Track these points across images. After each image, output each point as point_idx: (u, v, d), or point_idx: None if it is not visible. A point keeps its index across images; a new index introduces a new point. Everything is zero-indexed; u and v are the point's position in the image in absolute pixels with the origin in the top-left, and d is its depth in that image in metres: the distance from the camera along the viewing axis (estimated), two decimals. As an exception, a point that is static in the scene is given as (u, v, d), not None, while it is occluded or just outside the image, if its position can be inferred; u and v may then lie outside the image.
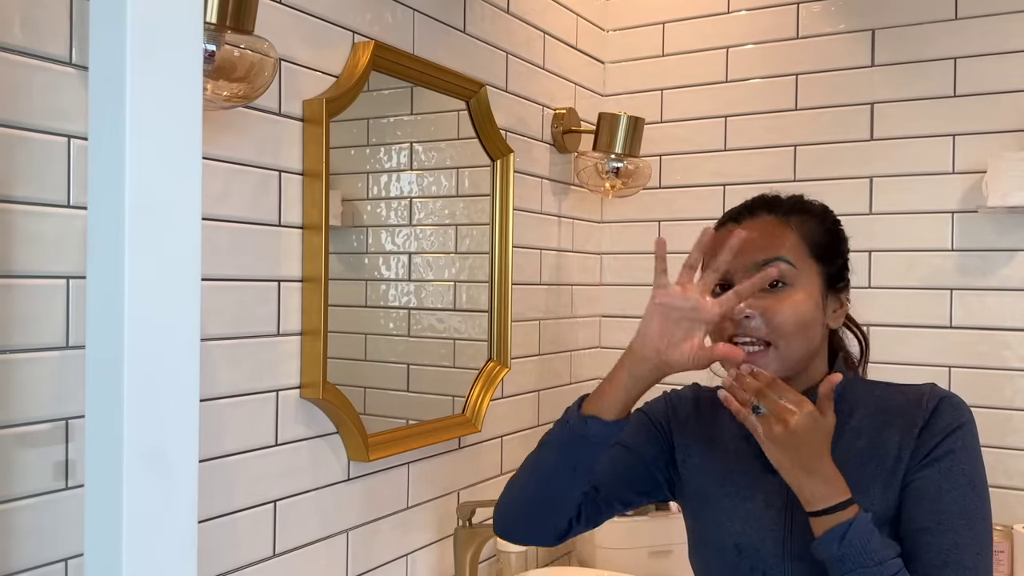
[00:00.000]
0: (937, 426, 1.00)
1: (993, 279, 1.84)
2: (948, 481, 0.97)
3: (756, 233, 1.04)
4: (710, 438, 1.15)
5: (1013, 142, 1.81)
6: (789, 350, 1.02)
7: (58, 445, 1.03)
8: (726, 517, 1.08)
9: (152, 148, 0.49)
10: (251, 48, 1.11)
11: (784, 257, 1.02)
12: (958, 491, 0.97)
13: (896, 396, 1.05)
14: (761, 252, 1.03)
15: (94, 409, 0.50)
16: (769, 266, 1.01)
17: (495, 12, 1.81)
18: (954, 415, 1.00)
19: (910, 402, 1.03)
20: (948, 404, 1.01)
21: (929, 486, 0.98)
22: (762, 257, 1.02)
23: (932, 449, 0.99)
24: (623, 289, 2.27)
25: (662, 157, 2.21)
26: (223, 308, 1.22)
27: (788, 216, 1.06)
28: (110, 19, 0.48)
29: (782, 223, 1.06)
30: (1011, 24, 1.83)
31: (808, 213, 1.08)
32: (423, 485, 1.62)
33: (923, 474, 0.99)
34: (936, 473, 0.98)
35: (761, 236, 1.04)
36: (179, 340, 0.51)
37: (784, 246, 1.03)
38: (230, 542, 1.24)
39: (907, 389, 1.06)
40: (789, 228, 1.05)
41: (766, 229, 1.05)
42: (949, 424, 1.00)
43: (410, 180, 1.59)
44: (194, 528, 0.52)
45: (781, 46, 2.07)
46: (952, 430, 0.99)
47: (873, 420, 1.05)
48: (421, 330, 1.62)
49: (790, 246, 1.03)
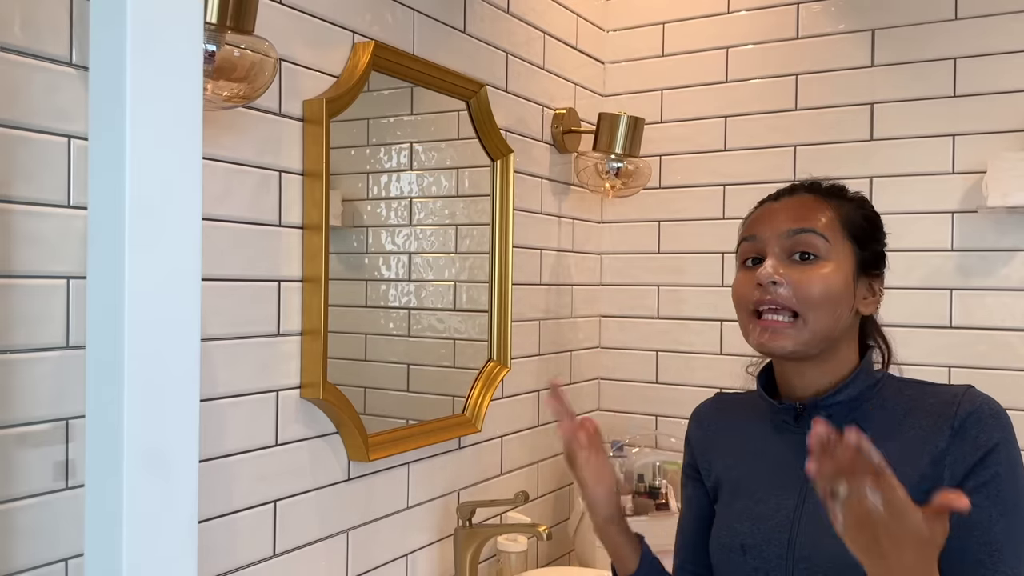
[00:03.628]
0: (976, 438, 0.95)
1: (993, 279, 1.84)
2: (996, 506, 0.93)
3: (793, 205, 1.05)
4: (728, 443, 1.14)
5: (1013, 142, 1.81)
6: (816, 323, 1.00)
7: (58, 445, 1.03)
8: (736, 518, 1.07)
9: (152, 148, 0.49)
10: (251, 48, 1.11)
11: (817, 229, 1.02)
12: (1007, 517, 0.93)
13: (927, 397, 1.01)
14: (795, 222, 1.03)
15: (94, 409, 0.50)
16: (799, 235, 1.01)
17: (495, 12, 1.81)
18: (995, 428, 0.95)
19: (940, 404, 0.99)
20: (985, 414, 0.96)
21: (981, 515, 0.92)
22: (796, 226, 1.02)
23: (974, 468, 0.94)
24: (623, 289, 2.27)
25: (662, 157, 2.21)
26: (223, 308, 1.22)
27: (828, 196, 1.07)
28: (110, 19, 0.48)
29: (820, 200, 1.06)
30: (1011, 24, 1.83)
31: (847, 199, 1.08)
32: (423, 485, 1.62)
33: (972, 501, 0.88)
34: (985, 500, 0.93)
35: (798, 208, 1.05)
36: (179, 340, 0.51)
37: (819, 220, 1.03)
38: (230, 542, 1.24)
39: (940, 389, 1.02)
40: (827, 204, 1.05)
41: (803, 203, 1.05)
42: (991, 439, 0.94)
43: (410, 180, 1.59)
44: (194, 528, 0.52)
45: (781, 46, 2.07)
46: (994, 446, 0.94)
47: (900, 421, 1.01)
48: (421, 330, 1.62)
49: (825, 220, 1.03)
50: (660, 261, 2.22)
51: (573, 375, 2.17)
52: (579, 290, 2.19)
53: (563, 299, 2.12)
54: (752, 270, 1.05)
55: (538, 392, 2.01)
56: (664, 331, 2.21)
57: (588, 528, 1.92)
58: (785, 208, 1.05)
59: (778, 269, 1.01)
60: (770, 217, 1.06)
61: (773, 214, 1.06)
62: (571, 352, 2.16)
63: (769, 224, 1.05)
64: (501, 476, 1.86)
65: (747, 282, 1.04)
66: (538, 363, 2.01)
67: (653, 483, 1.96)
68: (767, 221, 1.05)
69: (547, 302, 2.05)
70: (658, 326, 2.22)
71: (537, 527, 1.60)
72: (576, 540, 1.98)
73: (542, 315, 2.02)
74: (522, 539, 1.76)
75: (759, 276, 1.01)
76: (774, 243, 1.03)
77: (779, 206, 1.06)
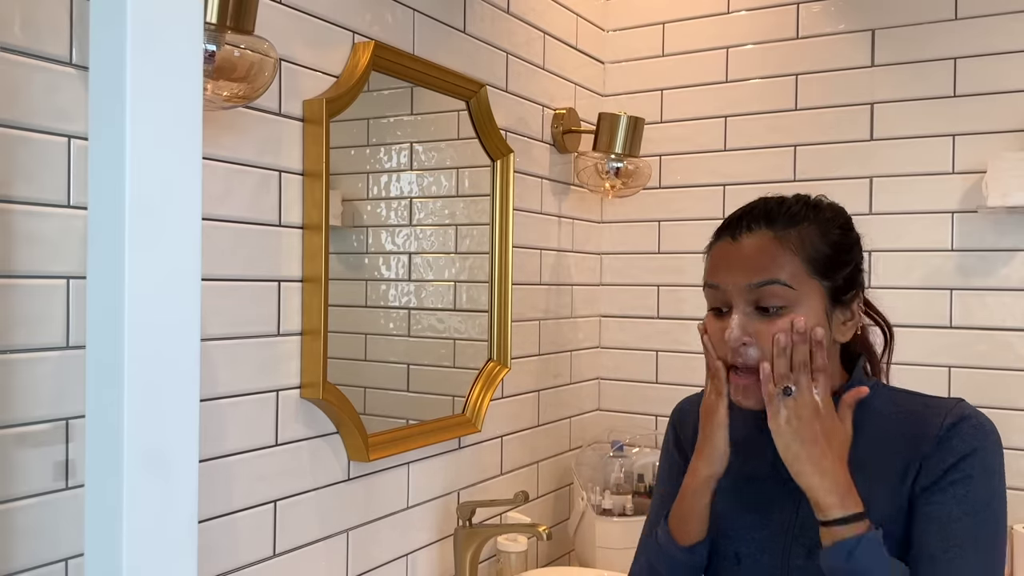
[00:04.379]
0: (953, 446, 0.95)
1: (993, 279, 1.84)
2: (961, 506, 0.93)
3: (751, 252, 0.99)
4: None
5: (1013, 142, 1.81)
6: None
7: (58, 445, 1.03)
8: (729, 526, 1.07)
9: (152, 148, 0.49)
10: (251, 48, 1.11)
11: (780, 279, 0.97)
12: (973, 517, 0.92)
13: (917, 408, 1.00)
14: (756, 273, 0.98)
15: (94, 409, 0.50)
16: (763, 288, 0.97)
17: (495, 12, 1.81)
18: (974, 437, 0.95)
19: (927, 416, 0.98)
20: (969, 424, 0.95)
21: (941, 512, 0.93)
22: (757, 279, 0.98)
23: (947, 471, 0.94)
24: (623, 289, 2.27)
25: (662, 157, 2.21)
26: (223, 308, 1.22)
27: (787, 230, 1.00)
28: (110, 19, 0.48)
29: (779, 241, 0.99)
30: (1011, 24, 1.83)
31: (810, 221, 1.01)
32: (423, 485, 1.62)
33: (936, 499, 0.94)
34: (950, 499, 0.93)
35: (757, 256, 0.99)
36: (179, 340, 0.51)
37: (781, 267, 0.98)
38: (230, 542, 1.24)
39: (930, 402, 1.01)
40: (787, 246, 0.99)
41: (762, 247, 0.99)
42: (968, 446, 0.94)
43: (410, 180, 1.59)
44: (194, 528, 0.52)
45: (781, 46, 2.07)
46: (970, 452, 0.94)
47: (887, 432, 1.00)
48: (421, 330, 1.62)
49: (787, 266, 0.98)
50: (660, 261, 2.22)
51: (573, 375, 2.17)
52: (579, 290, 2.19)
53: (563, 299, 2.12)
54: (721, 319, 1.01)
55: (538, 392, 2.01)
56: (664, 331, 2.21)
57: (588, 528, 1.92)
58: (743, 256, 0.99)
59: (747, 329, 0.98)
60: (728, 265, 1.01)
61: (732, 262, 1.00)
62: (571, 352, 2.16)
63: (729, 274, 1.00)
64: (501, 476, 1.86)
65: (717, 332, 1.01)
66: (538, 363, 2.01)
67: (653, 483, 1.96)
68: (727, 270, 1.01)
69: (547, 302, 2.05)
70: (658, 326, 2.22)
71: (537, 527, 1.60)
72: (576, 540, 1.98)
73: (542, 315, 2.02)
74: (522, 539, 1.76)
75: (729, 340, 0.99)
76: (738, 296, 0.99)
77: (737, 250, 1.00)
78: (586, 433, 2.23)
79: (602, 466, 2.05)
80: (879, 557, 0.90)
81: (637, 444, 2.10)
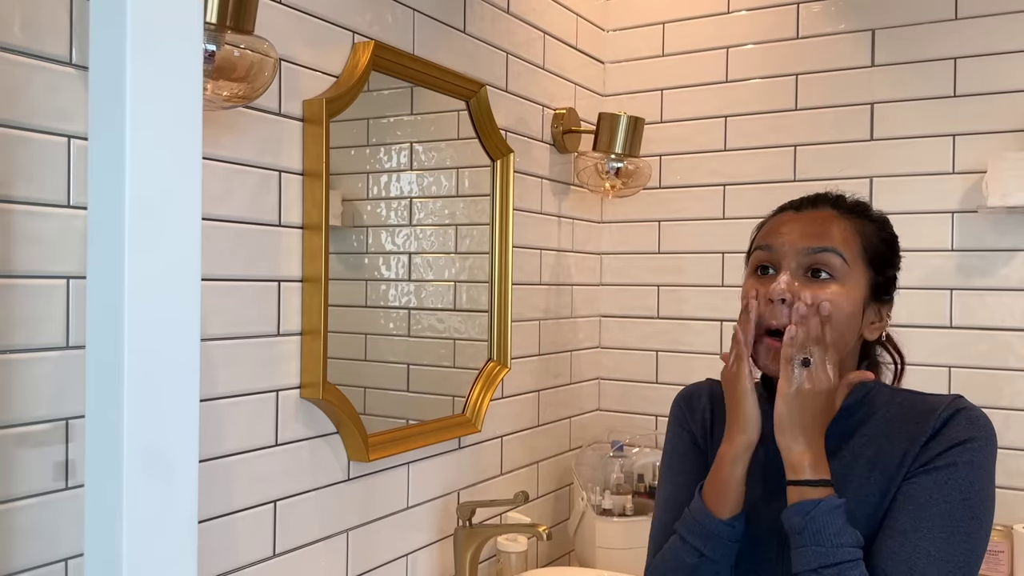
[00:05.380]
0: (946, 435, 0.96)
1: (993, 279, 1.84)
2: (941, 491, 0.93)
3: (815, 220, 1.03)
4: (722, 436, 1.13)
5: (1013, 142, 1.81)
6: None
7: (58, 445, 1.03)
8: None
9: (152, 148, 0.49)
10: (251, 48, 1.10)
11: (838, 249, 1.01)
12: (948, 504, 0.93)
13: (916, 405, 1.02)
14: (816, 239, 1.01)
15: (94, 409, 0.50)
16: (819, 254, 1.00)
17: (495, 12, 1.81)
18: (967, 428, 0.96)
19: (926, 411, 1.00)
20: (963, 417, 0.97)
21: (920, 492, 0.94)
22: (817, 244, 1.01)
23: (934, 458, 0.95)
24: (623, 289, 2.27)
25: (662, 157, 2.21)
26: (223, 308, 1.22)
27: (851, 216, 1.05)
28: (110, 19, 0.48)
29: (843, 221, 1.04)
30: (1011, 24, 1.83)
31: (869, 218, 1.06)
32: (423, 485, 1.62)
33: (917, 480, 0.95)
34: (931, 481, 0.94)
35: (820, 223, 1.03)
36: (179, 340, 0.51)
37: (841, 239, 1.01)
38: (230, 542, 1.24)
39: (930, 399, 1.02)
40: (850, 224, 1.03)
41: (826, 219, 1.04)
42: (959, 436, 0.96)
43: (410, 180, 1.59)
44: (194, 528, 0.52)
45: (781, 46, 2.07)
46: (960, 442, 0.95)
47: (886, 428, 1.02)
48: (421, 330, 1.62)
49: (847, 240, 1.02)
50: (660, 261, 2.22)
51: (573, 375, 2.17)
52: (579, 290, 2.19)
53: (563, 299, 2.12)
54: (764, 280, 1.03)
55: (538, 392, 2.01)
56: (664, 331, 2.21)
57: (588, 528, 1.92)
58: (806, 222, 1.03)
59: (792, 286, 1.00)
60: (789, 229, 1.04)
61: (793, 227, 1.04)
62: (571, 352, 2.16)
63: (787, 237, 1.03)
64: (501, 476, 1.86)
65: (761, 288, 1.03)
66: (538, 363, 2.01)
67: (653, 483, 1.96)
68: (785, 233, 1.03)
69: (547, 302, 2.05)
70: (658, 326, 2.22)
71: (537, 527, 1.60)
72: (576, 540, 1.98)
73: (542, 315, 2.02)
74: (522, 539, 1.76)
75: (772, 292, 1.00)
76: (791, 258, 1.02)
77: (800, 218, 1.04)
78: (586, 433, 2.23)
79: (602, 466, 2.05)
80: (835, 520, 0.93)
81: (637, 444, 2.10)
